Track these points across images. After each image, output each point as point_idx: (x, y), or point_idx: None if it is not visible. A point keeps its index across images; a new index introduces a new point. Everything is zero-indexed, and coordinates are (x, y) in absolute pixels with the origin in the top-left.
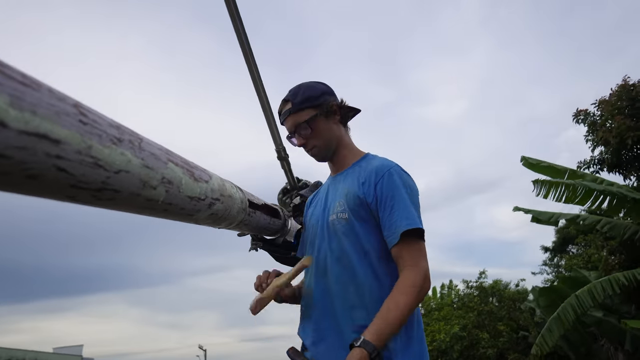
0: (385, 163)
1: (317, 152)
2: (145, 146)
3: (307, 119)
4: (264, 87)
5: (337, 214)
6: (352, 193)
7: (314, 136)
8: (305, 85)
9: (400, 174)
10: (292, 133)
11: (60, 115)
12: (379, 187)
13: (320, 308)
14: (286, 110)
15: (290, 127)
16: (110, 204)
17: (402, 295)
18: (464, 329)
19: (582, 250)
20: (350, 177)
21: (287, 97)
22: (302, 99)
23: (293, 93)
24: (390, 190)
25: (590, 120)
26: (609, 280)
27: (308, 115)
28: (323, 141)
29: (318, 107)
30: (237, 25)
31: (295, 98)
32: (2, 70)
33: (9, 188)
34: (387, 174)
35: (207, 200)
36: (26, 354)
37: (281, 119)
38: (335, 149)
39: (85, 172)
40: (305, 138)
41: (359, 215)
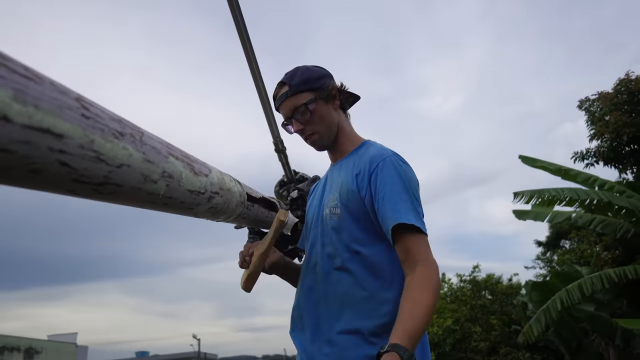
0: (381, 152)
1: (317, 138)
2: (147, 140)
3: (305, 102)
4: (262, 78)
5: (330, 208)
6: (346, 186)
7: (313, 121)
8: (303, 67)
9: (397, 164)
10: (289, 119)
11: (63, 109)
12: (373, 179)
13: (305, 305)
14: (282, 94)
15: (287, 112)
16: (111, 198)
17: (420, 292)
18: (456, 323)
19: (575, 245)
20: (345, 167)
21: (284, 80)
22: (299, 81)
23: (290, 75)
24: (383, 181)
25: (591, 110)
26: (600, 275)
27: (306, 99)
28: (323, 126)
29: (317, 90)
30: (235, 14)
31: (292, 80)
32: (5, 64)
33: (12, 182)
34: (382, 163)
35: (207, 194)
36: (20, 340)
37: (276, 103)
38: (335, 136)
39: (87, 167)
40: (304, 123)
41: (351, 211)
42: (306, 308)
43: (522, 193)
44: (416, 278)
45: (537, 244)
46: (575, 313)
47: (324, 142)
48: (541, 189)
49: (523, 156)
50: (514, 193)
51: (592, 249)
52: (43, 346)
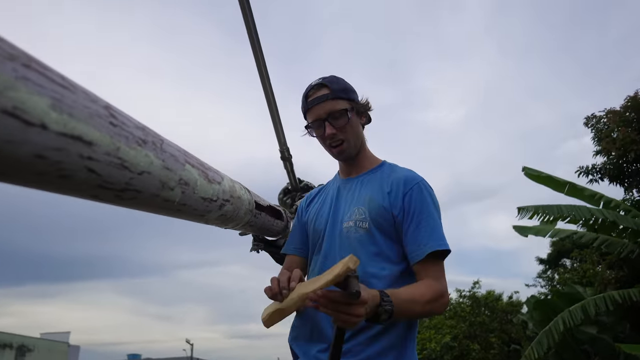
0: (414, 175)
1: (346, 147)
2: (166, 147)
3: (346, 108)
4: (271, 87)
5: (355, 221)
6: (376, 202)
7: (346, 130)
8: (339, 77)
9: (428, 189)
10: (322, 120)
11: (94, 118)
12: (407, 199)
13: (318, 317)
14: (322, 95)
15: (322, 114)
16: (130, 204)
17: (429, 296)
18: (455, 339)
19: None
20: (370, 184)
21: (323, 82)
22: (340, 88)
23: (329, 80)
24: (419, 204)
25: (597, 127)
26: (604, 297)
27: (345, 106)
28: (353, 137)
29: (353, 101)
30: (249, 27)
31: (333, 85)
32: (44, 73)
33: (41, 186)
34: (417, 187)
35: (219, 201)
36: (13, 338)
37: (310, 103)
38: (358, 150)
39: (112, 173)
40: (337, 129)
41: (380, 226)
42: (320, 320)
43: (526, 208)
44: (428, 285)
45: (538, 261)
46: (577, 335)
47: (350, 152)
48: (545, 204)
49: (527, 168)
50: (518, 208)
51: (594, 269)
52: (35, 344)
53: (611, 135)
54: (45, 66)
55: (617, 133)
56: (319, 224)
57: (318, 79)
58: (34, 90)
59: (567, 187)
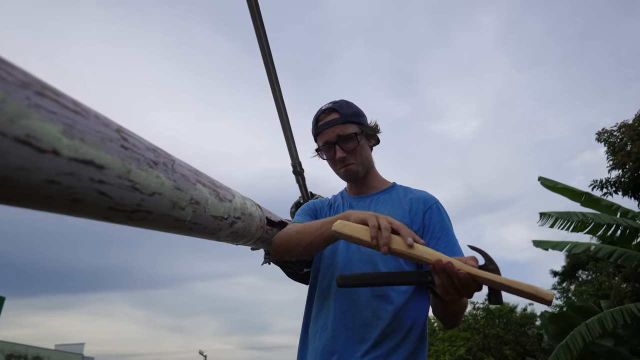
0: (431, 195)
1: (354, 168)
2: (178, 168)
3: (355, 132)
4: (284, 103)
5: None
6: (397, 218)
7: (355, 152)
8: (349, 101)
9: (444, 209)
10: (332, 144)
11: (105, 142)
12: (427, 217)
13: (336, 329)
14: (333, 120)
15: (332, 138)
16: (140, 224)
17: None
18: (469, 352)
19: (592, 276)
20: (386, 202)
21: (334, 107)
22: (350, 112)
23: (339, 105)
24: (439, 222)
25: (610, 141)
26: (620, 310)
27: (354, 130)
28: (362, 159)
29: (362, 125)
30: (262, 43)
31: (343, 109)
32: (57, 100)
33: (52, 210)
34: (435, 206)
35: (230, 219)
36: (28, 349)
37: (321, 127)
38: (367, 171)
39: (123, 196)
40: (347, 152)
41: None
42: (338, 332)
43: (548, 214)
44: (466, 305)
45: (552, 273)
46: (593, 348)
47: (359, 174)
48: (568, 211)
49: (543, 178)
50: (540, 213)
51: (610, 281)
52: (50, 356)
53: (625, 148)
54: (58, 92)
55: (631, 146)
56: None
57: (328, 103)
58: (46, 117)
59: (584, 197)
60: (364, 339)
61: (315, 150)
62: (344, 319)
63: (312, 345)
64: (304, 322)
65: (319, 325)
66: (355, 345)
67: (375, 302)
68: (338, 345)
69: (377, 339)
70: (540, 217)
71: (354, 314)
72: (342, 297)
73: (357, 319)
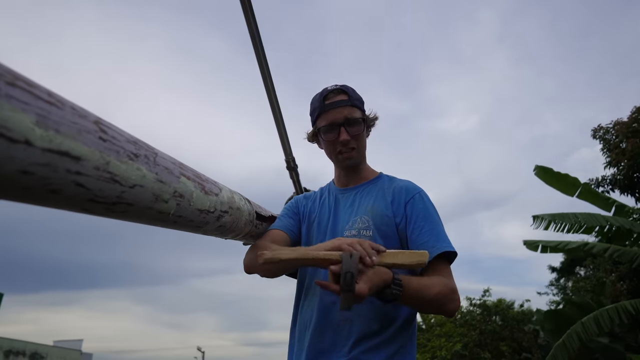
0: (414, 185)
1: (355, 154)
2: (160, 160)
3: (363, 117)
4: (277, 99)
5: (358, 230)
6: (379, 210)
7: (358, 138)
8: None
9: (428, 198)
10: (338, 126)
11: (82, 133)
12: (409, 207)
13: (317, 327)
14: (342, 100)
15: (339, 118)
16: (122, 216)
17: (438, 285)
18: (465, 347)
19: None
20: (370, 194)
21: (342, 88)
22: (358, 97)
23: (347, 88)
24: (421, 211)
25: (605, 138)
26: (616, 308)
27: (361, 115)
28: (362, 146)
29: (364, 112)
30: (255, 41)
31: (351, 92)
32: (30, 91)
33: (30, 201)
34: (418, 195)
35: (216, 212)
36: (26, 345)
37: (330, 106)
38: (362, 160)
39: (102, 187)
40: (352, 136)
41: (384, 234)
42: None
43: (541, 217)
44: (445, 284)
45: (550, 269)
46: (589, 344)
47: (357, 160)
48: (561, 212)
49: (539, 166)
50: (533, 216)
51: (608, 278)
52: (48, 352)
53: (620, 146)
54: (31, 83)
55: (626, 144)
56: (318, 233)
57: (334, 85)
58: (17, 107)
59: (580, 189)
60: (350, 333)
61: (317, 130)
62: (328, 315)
63: (299, 340)
64: (292, 316)
65: (304, 321)
66: (341, 341)
67: None
68: (323, 343)
69: (361, 335)
70: (534, 220)
71: (337, 310)
72: (327, 293)
73: (341, 314)
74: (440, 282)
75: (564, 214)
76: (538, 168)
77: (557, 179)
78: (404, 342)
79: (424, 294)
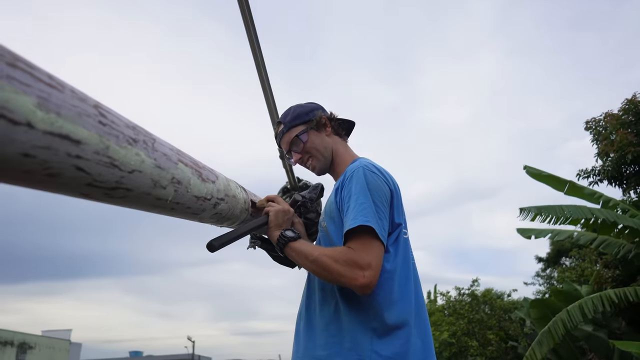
0: (355, 165)
1: (315, 164)
2: (158, 146)
3: (297, 134)
4: (270, 86)
5: (320, 223)
6: (330, 201)
7: (308, 150)
8: (295, 105)
9: (364, 174)
10: (288, 152)
11: (82, 116)
12: (345, 190)
13: (298, 319)
14: (280, 131)
15: (285, 147)
16: (121, 202)
17: (333, 252)
18: (453, 336)
19: (576, 263)
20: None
21: (279, 119)
22: (292, 118)
23: (284, 115)
24: (349, 191)
25: (597, 129)
26: (600, 296)
27: (298, 131)
28: (317, 153)
29: (308, 122)
30: (248, 26)
31: (285, 118)
32: (31, 72)
33: (29, 184)
34: (350, 175)
35: (213, 200)
36: (15, 335)
37: (277, 141)
38: (331, 160)
39: (101, 172)
40: (300, 153)
41: (335, 224)
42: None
43: (527, 209)
44: (344, 253)
45: (537, 260)
46: (573, 332)
47: (321, 165)
48: (547, 205)
49: (528, 167)
50: (520, 209)
51: (592, 268)
52: (37, 342)
53: (609, 137)
54: (32, 65)
55: (615, 135)
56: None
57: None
58: (19, 89)
59: (567, 185)
60: (312, 318)
61: (281, 158)
62: (304, 301)
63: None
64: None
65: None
66: (309, 329)
67: (306, 284)
68: (299, 327)
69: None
70: (520, 212)
71: (307, 295)
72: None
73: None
74: (336, 250)
75: (550, 207)
76: (527, 168)
77: (546, 179)
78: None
79: (312, 253)
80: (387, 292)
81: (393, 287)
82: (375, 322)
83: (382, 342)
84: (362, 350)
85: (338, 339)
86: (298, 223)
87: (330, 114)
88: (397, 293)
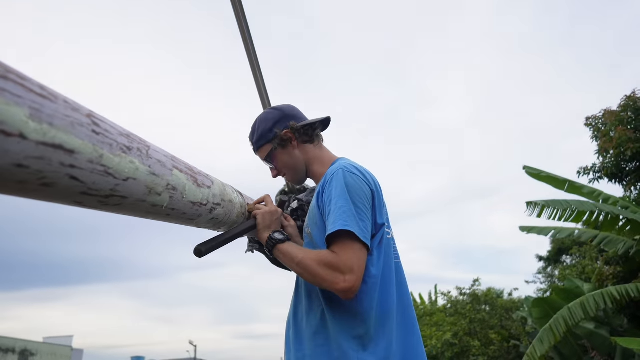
0: (335, 167)
1: (291, 179)
2: (153, 154)
3: (266, 156)
4: (266, 90)
5: (305, 229)
6: (313, 205)
7: (279, 167)
8: (259, 119)
9: (344, 175)
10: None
11: (75, 126)
12: (326, 194)
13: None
14: (253, 149)
15: (263, 162)
16: (116, 209)
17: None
18: (455, 336)
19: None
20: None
21: (249, 137)
22: (257, 138)
23: (251, 132)
24: (329, 196)
25: (596, 126)
26: (602, 293)
27: (266, 152)
28: (288, 169)
29: (272, 141)
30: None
31: (253, 138)
32: (22, 84)
33: (24, 194)
34: (330, 179)
35: (209, 205)
36: (16, 342)
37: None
38: (307, 170)
39: (95, 180)
40: (276, 170)
41: (318, 228)
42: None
43: (534, 203)
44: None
45: (538, 258)
46: (575, 330)
47: (297, 178)
48: (553, 199)
49: (527, 167)
50: (527, 202)
51: (593, 265)
52: (38, 348)
53: (609, 134)
54: (23, 77)
55: (614, 132)
56: None
57: None
58: (11, 101)
59: (567, 185)
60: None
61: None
62: (292, 309)
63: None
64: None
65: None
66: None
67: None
68: (288, 335)
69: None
70: (527, 206)
71: (295, 303)
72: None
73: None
74: (319, 254)
75: (556, 200)
76: (527, 168)
77: (545, 179)
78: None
79: (293, 257)
80: (372, 297)
81: (378, 292)
82: (361, 329)
83: (368, 352)
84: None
85: (326, 349)
86: (289, 226)
87: (292, 125)
88: (382, 298)
